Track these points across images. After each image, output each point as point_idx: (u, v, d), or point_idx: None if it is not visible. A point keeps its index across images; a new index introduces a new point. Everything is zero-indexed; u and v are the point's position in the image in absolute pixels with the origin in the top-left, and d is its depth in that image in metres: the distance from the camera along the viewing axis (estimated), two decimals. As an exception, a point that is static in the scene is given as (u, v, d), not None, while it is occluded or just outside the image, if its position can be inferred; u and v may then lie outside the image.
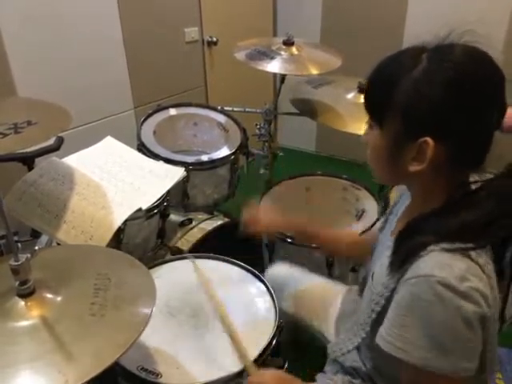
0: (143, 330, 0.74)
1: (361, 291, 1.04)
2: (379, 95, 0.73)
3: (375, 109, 0.74)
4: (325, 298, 1.19)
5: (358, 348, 0.91)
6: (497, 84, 0.68)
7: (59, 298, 0.77)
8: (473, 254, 0.65)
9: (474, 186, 0.74)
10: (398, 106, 0.69)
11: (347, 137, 1.56)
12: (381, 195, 1.66)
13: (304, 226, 1.17)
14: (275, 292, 1.15)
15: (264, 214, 1.15)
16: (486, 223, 0.67)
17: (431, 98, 0.66)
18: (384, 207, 1.51)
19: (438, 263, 0.64)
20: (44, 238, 1.31)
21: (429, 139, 0.67)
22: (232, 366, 0.96)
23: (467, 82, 0.66)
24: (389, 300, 0.73)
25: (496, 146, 0.71)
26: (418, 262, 0.66)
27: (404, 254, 0.69)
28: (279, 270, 1.31)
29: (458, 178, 0.73)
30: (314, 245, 1.41)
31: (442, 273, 0.63)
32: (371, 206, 1.59)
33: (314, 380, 0.99)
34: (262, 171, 1.91)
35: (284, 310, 1.20)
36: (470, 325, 0.63)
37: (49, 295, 0.77)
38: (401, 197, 0.94)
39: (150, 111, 1.69)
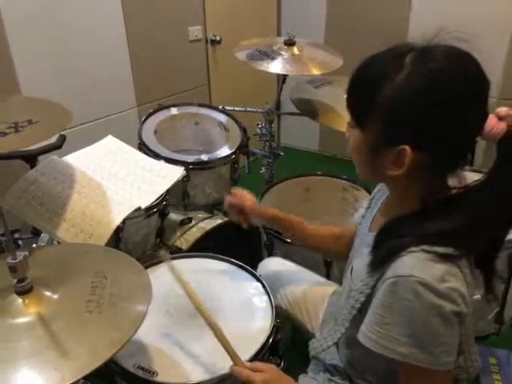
0: (138, 327, 0.75)
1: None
2: (361, 98, 0.72)
3: (356, 110, 0.74)
4: (316, 301, 1.19)
5: (336, 344, 0.92)
6: (479, 91, 0.67)
7: (56, 296, 0.78)
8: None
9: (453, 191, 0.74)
10: (379, 111, 0.69)
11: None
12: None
13: (287, 218, 1.16)
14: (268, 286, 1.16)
15: (245, 201, 1.14)
16: (463, 233, 0.68)
17: (412, 107, 0.66)
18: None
19: (418, 264, 0.66)
20: (45, 236, 1.33)
21: (407, 147, 0.67)
22: (228, 365, 0.97)
23: (448, 91, 0.65)
24: (369, 297, 0.74)
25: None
26: (398, 261, 0.67)
27: (384, 254, 0.70)
28: (272, 264, 1.32)
29: (437, 183, 0.74)
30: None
31: (421, 273, 0.64)
32: (370, 206, 1.59)
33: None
34: (262, 171, 1.92)
35: (280, 307, 1.21)
36: (448, 321, 0.65)
37: (46, 293, 0.78)
38: (377, 192, 0.95)
39: (151, 110, 1.70)
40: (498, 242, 0.73)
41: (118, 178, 1.27)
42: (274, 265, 1.31)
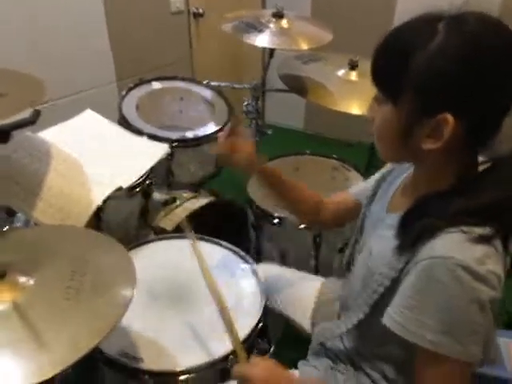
0: (123, 315, 0.71)
1: (347, 270, 1.01)
2: (392, 68, 0.68)
3: (387, 83, 0.69)
4: (307, 299, 1.14)
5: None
6: None
7: (32, 282, 0.73)
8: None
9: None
10: (414, 80, 0.65)
11: (337, 114, 1.52)
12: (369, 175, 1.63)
13: (274, 170, 1.03)
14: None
15: (241, 146, 0.97)
16: (501, 208, 0.65)
17: (450, 73, 0.62)
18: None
19: (457, 245, 0.62)
20: (21, 216, 1.25)
21: (448, 116, 0.63)
22: (216, 350, 0.94)
23: (487, 54, 0.62)
24: (395, 281, 0.70)
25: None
26: (433, 242, 0.64)
27: (416, 234, 0.66)
28: (268, 270, 1.23)
29: (470, 157, 0.70)
30: (300, 226, 1.39)
31: (461, 255, 0.61)
32: (360, 186, 1.56)
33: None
34: (249, 149, 1.86)
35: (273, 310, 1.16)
36: (484, 309, 0.62)
37: (21, 279, 0.73)
38: (391, 172, 0.91)
39: (132, 84, 1.62)
40: None
41: (97, 155, 1.20)
42: (265, 271, 1.21)
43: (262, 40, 1.54)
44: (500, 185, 0.67)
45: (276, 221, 1.44)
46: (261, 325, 1.01)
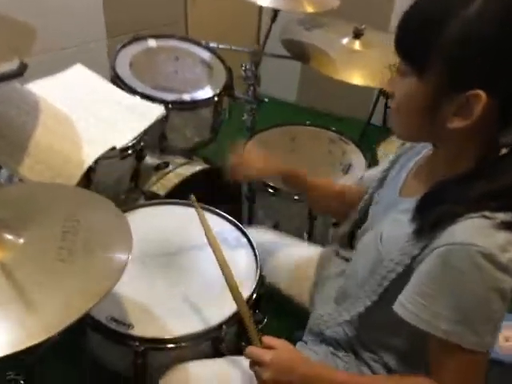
0: (119, 277, 0.67)
1: (341, 249, 1.00)
2: (421, 37, 0.62)
3: (414, 53, 0.64)
4: (300, 268, 1.12)
5: None
6: None
7: (21, 240, 0.68)
8: None
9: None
10: (446, 50, 0.60)
11: (332, 88, 1.47)
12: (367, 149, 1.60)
13: (293, 171, 1.07)
14: None
15: (251, 160, 1.04)
16: None
17: (488, 37, 0.58)
18: (372, 163, 1.47)
19: (477, 230, 0.59)
20: (4, 173, 1.19)
21: (481, 92, 0.59)
22: (210, 319, 0.91)
23: None
24: (409, 267, 0.67)
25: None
26: (453, 228, 0.61)
27: (434, 220, 0.63)
28: (259, 238, 1.20)
29: (493, 138, 0.66)
30: (296, 197, 1.37)
31: (483, 242, 0.58)
32: (358, 161, 1.52)
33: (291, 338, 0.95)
34: (245, 117, 1.79)
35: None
36: (505, 298, 0.60)
37: (9, 236, 0.68)
38: (402, 154, 0.87)
39: (126, 41, 1.53)
40: None
41: (89, 112, 1.13)
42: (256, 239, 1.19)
43: (265, 0, 1.45)
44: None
45: (270, 191, 1.41)
46: (255, 296, 0.98)
